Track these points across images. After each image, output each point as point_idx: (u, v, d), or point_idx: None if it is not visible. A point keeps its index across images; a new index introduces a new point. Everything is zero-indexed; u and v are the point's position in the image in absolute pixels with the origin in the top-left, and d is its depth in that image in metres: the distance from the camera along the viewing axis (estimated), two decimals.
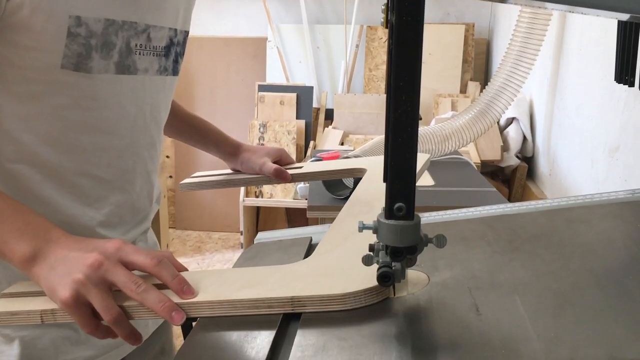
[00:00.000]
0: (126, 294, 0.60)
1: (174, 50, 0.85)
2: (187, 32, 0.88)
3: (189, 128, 1.12)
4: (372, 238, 0.58)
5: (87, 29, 0.70)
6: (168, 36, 0.82)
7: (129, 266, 0.62)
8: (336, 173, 1.13)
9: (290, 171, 1.09)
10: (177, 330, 2.13)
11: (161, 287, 0.62)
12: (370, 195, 0.91)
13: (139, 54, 0.78)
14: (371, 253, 0.57)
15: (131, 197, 0.85)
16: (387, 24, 0.53)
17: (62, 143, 0.74)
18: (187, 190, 1.14)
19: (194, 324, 0.71)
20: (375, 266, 0.56)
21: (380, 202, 0.57)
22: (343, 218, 0.83)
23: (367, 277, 0.60)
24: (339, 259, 0.67)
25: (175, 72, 0.87)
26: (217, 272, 0.67)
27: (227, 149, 1.12)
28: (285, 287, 0.61)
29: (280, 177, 1.06)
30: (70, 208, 0.77)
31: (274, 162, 1.09)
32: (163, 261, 0.62)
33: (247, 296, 0.59)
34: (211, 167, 1.24)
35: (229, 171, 1.16)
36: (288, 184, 3.18)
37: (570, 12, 1.64)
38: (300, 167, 1.11)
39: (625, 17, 0.69)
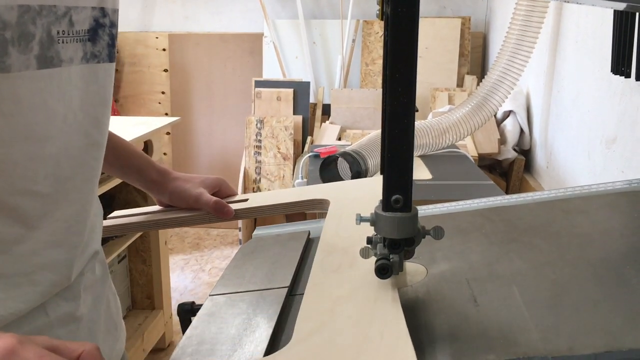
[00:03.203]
0: None
1: (104, 33, 0.73)
2: (117, 11, 0.76)
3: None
4: (367, 287, 0.56)
5: None
6: (92, 17, 0.70)
7: None
8: (290, 206, 0.92)
9: (233, 205, 0.90)
10: (176, 327, 2.12)
11: None
12: (346, 239, 0.70)
13: (62, 42, 0.66)
14: (369, 245, 0.57)
15: (76, 207, 0.73)
16: (383, 16, 0.53)
17: None
18: (107, 236, 0.91)
19: (193, 318, 0.71)
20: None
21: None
22: (320, 277, 0.62)
23: None
24: (331, 346, 0.49)
25: (110, 58, 0.75)
26: None
27: (152, 175, 0.93)
28: None
29: (220, 213, 0.89)
30: (10, 234, 0.65)
31: (212, 194, 0.92)
32: None
33: None
34: (210, 165, 1.09)
35: (157, 208, 0.96)
36: (285, 182, 3.17)
37: (565, 2, 1.64)
38: (245, 200, 0.93)
39: (621, 6, 0.69)
